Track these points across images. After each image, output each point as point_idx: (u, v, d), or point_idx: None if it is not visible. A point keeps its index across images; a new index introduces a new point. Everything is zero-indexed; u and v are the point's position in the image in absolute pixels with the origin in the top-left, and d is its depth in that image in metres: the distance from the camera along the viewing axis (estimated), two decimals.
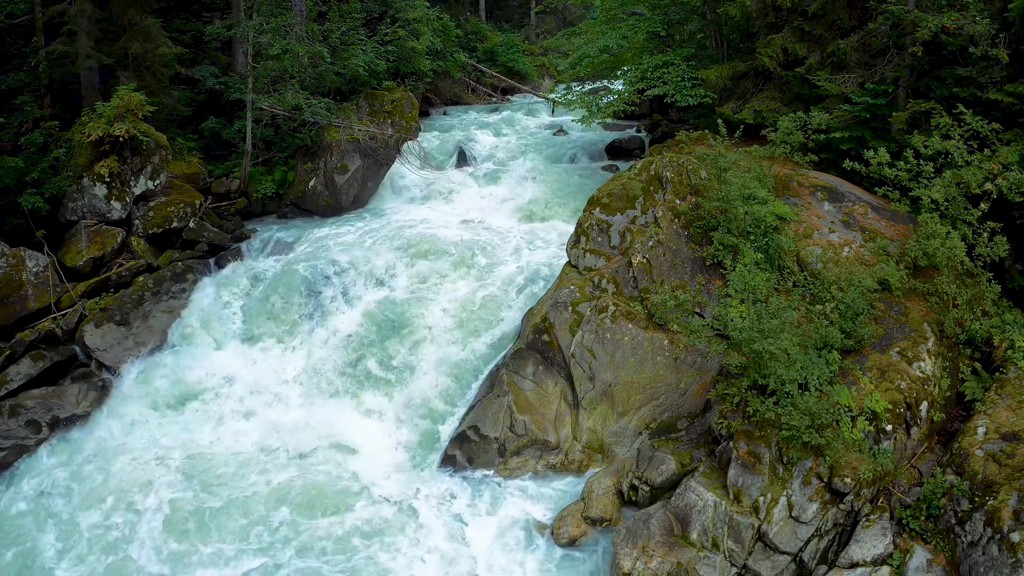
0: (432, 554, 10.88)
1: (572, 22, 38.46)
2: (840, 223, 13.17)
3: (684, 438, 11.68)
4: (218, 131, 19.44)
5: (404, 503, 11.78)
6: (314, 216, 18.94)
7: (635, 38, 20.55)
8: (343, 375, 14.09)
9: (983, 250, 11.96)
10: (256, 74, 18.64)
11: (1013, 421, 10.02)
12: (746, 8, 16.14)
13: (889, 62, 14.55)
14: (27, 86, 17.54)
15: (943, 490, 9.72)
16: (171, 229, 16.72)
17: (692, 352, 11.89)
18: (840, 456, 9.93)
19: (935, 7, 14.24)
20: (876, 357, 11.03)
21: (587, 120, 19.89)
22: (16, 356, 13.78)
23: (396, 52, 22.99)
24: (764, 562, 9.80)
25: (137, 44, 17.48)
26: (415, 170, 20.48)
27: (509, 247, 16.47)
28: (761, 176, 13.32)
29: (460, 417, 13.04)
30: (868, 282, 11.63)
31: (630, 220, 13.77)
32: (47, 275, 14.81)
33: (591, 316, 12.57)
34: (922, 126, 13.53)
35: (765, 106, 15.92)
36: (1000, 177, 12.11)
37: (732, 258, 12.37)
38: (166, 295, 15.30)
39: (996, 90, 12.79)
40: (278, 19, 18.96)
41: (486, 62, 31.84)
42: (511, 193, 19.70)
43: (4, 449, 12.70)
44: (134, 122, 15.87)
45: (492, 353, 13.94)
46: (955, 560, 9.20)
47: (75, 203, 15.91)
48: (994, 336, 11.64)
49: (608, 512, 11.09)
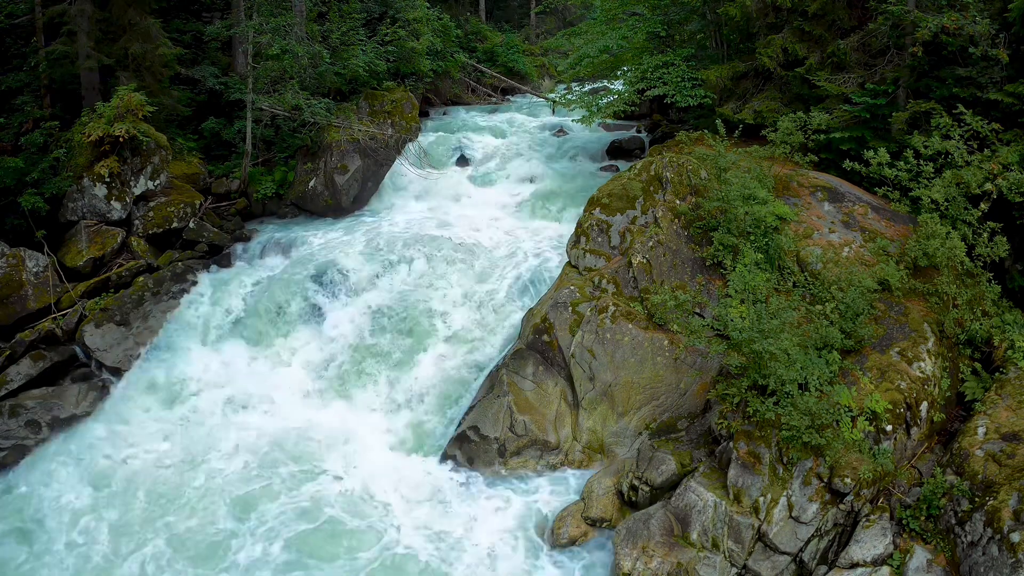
0: (432, 553, 10.88)
1: (572, 22, 38.45)
2: (840, 223, 13.17)
3: (684, 438, 11.68)
4: (218, 131, 19.43)
5: (403, 503, 11.78)
6: (314, 216, 18.92)
7: (635, 38, 20.55)
8: (342, 375, 14.09)
9: (983, 250, 11.96)
10: (256, 74, 18.64)
11: (1013, 421, 10.03)
12: (746, 8, 16.14)
13: (889, 62, 14.56)
14: (27, 86, 17.52)
15: (943, 490, 9.72)
16: (171, 229, 16.71)
17: (692, 352, 11.89)
18: (840, 456, 9.93)
19: (935, 7, 14.25)
20: (876, 357, 11.03)
21: (587, 120, 19.88)
22: (16, 356, 13.77)
23: (396, 52, 22.98)
24: (764, 562, 9.80)
25: (137, 44, 17.47)
26: (415, 170, 20.48)
27: (509, 247, 16.47)
28: (761, 176, 13.32)
29: (460, 417, 13.04)
30: (868, 282, 11.63)
31: (630, 220, 13.77)
32: (47, 275, 14.81)
33: (591, 316, 12.56)
34: (922, 126, 13.53)
35: (765, 106, 15.92)
36: (1000, 177, 12.11)
37: (732, 258, 12.37)
38: (166, 295, 15.30)
39: (996, 90, 12.79)
40: (278, 19, 18.95)
41: (486, 62, 31.82)
42: (511, 193, 19.70)
43: (4, 449, 12.69)
44: (134, 122, 15.86)
45: (492, 353, 13.94)
46: (955, 560, 9.20)
47: (75, 203, 15.91)
48: (994, 336, 11.65)
49: (608, 512, 11.09)
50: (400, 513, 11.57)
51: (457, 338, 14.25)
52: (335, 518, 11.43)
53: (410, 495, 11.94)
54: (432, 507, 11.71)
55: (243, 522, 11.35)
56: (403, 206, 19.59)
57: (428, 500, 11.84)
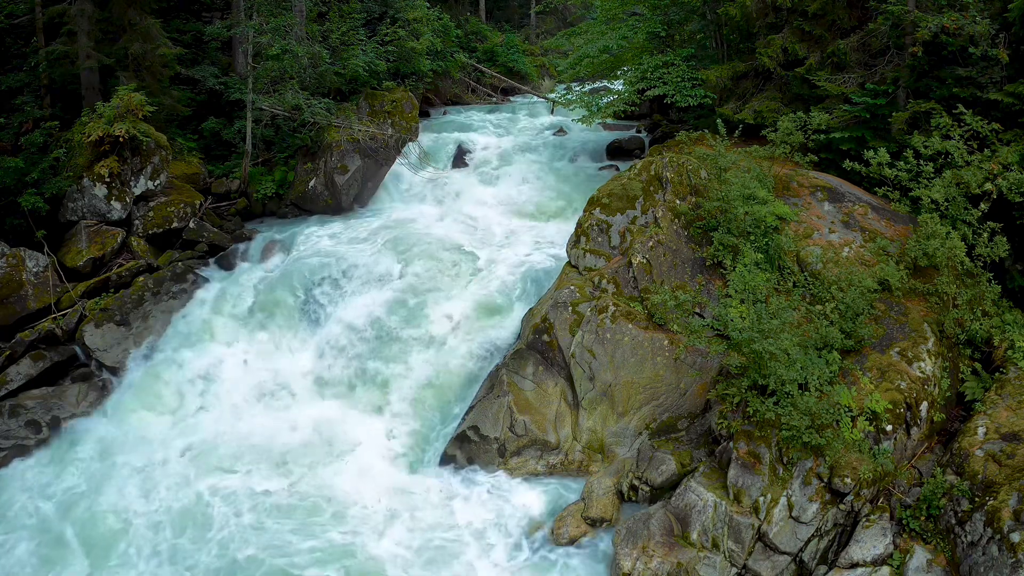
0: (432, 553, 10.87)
1: (572, 22, 38.41)
2: (840, 223, 13.17)
3: (684, 438, 11.68)
4: (218, 131, 19.44)
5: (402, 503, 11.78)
6: (314, 216, 18.91)
7: (635, 38, 20.55)
8: (341, 375, 14.07)
9: (983, 250, 11.96)
10: (256, 74, 18.64)
11: (1013, 421, 10.03)
12: (746, 8, 16.15)
13: (889, 62, 14.56)
14: (27, 86, 17.53)
15: (943, 490, 9.73)
16: (171, 229, 16.71)
17: (692, 352, 11.89)
18: (840, 456, 9.93)
19: (935, 7, 14.25)
20: (876, 357, 11.03)
21: (587, 120, 19.88)
22: (16, 356, 13.78)
23: (396, 52, 22.97)
24: (764, 562, 9.80)
25: (137, 44, 17.47)
26: (415, 170, 20.47)
27: (509, 247, 16.47)
28: (761, 176, 13.32)
29: (460, 417, 13.04)
30: (868, 282, 11.63)
31: (630, 220, 13.77)
32: (47, 275, 14.81)
33: (591, 316, 12.56)
34: (922, 126, 13.53)
35: (765, 106, 15.92)
36: (1000, 177, 12.12)
37: (732, 258, 12.37)
38: (166, 295, 15.30)
39: (996, 90, 12.79)
40: (278, 19, 18.96)
41: (486, 62, 31.81)
42: (511, 193, 19.69)
43: (4, 449, 12.70)
44: (134, 122, 15.86)
45: (492, 353, 13.94)
46: (955, 560, 9.21)
47: (75, 203, 15.91)
48: (994, 336, 11.65)
49: (608, 512, 11.10)
50: (400, 512, 11.57)
51: (457, 337, 14.24)
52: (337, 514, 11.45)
53: (409, 495, 11.93)
54: (432, 507, 11.71)
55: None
56: (403, 206, 19.58)
57: (428, 500, 11.84)
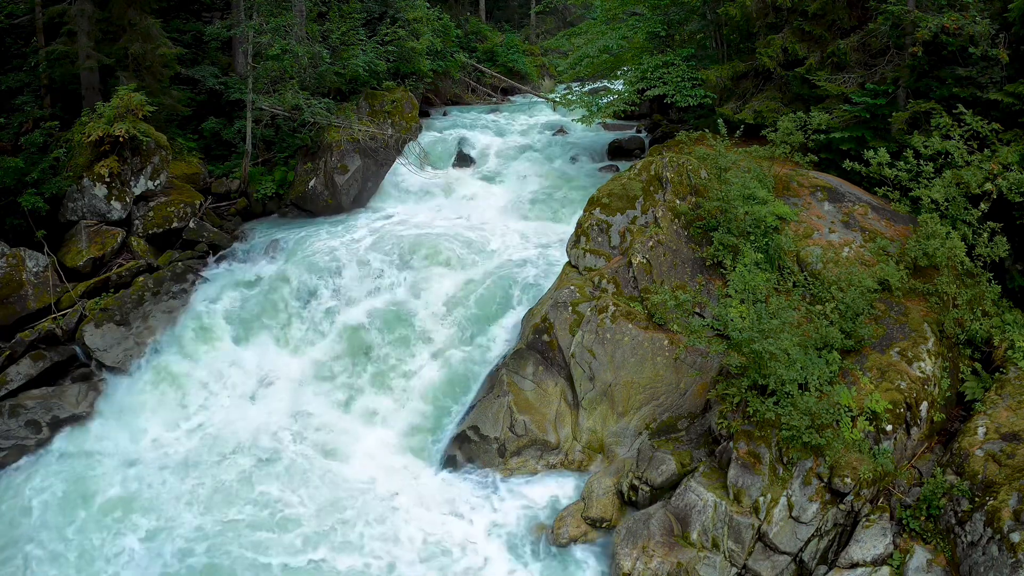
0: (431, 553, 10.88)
1: (572, 22, 38.40)
2: (840, 223, 13.17)
3: (684, 438, 11.68)
4: (218, 131, 19.44)
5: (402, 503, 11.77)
6: (314, 216, 18.92)
7: (635, 38, 20.55)
8: (341, 375, 14.08)
9: (983, 250, 11.96)
10: (256, 74, 18.64)
11: (1013, 421, 10.03)
12: (746, 8, 16.14)
13: (889, 62, 14.56)
14: (27, 86, 17.54)
15: (943, 490, 9.73)
16: (171, 229, 16.72)
17: (692, 352, 11.89)
18: (840, 456, 9.93)
19: (935, 7, 14.25)
20: (876, 357, 11.03)
21: (587, 120, 19.88)
22: (16, 356, 13.78)
23: (396, 52, 22.98)
24: (764, 562, 9.80)
25: (137, 44, 17.47)
26: (415, 170, 20.47)
27: (509, 247, 16.46)
28: (761, 176, 13.32)
29: (460, 417, 13.04)
30: (868, 282, 11.63)
31: (630, 220, 13.77)
32: (47, 275, 14.81)
33: (591, 316, 12.56)
34: (922, 126, 13.53)
35: (765, 106, 15.92)
36: (1000, 177, 12.11)
37: (732, 258, 12.37)
38: (166, 295, 15.30)
39: (996, 90, 12.79)
40: (278, 19, 18.96)
41: (486, 62, 31.81)
42: (511, 193, 19.68)
43: (4, 449, 12.70)
44: (134, 122, 15.86)
45: (492, 353, 13.93)
46: (955, 560, 9.21)
47: (75, 203, 15.92)
48: (994, 336, 11.64)
49: (608, 512, 11.09)
50: (398, 511, 11.56)
51: (456, 338, 14.24)
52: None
53: (409, 494, 11.93)
54: (432, 507, 11.71)
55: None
56: (403, 206, 19.58)
57: (427, 500, 11.84)
